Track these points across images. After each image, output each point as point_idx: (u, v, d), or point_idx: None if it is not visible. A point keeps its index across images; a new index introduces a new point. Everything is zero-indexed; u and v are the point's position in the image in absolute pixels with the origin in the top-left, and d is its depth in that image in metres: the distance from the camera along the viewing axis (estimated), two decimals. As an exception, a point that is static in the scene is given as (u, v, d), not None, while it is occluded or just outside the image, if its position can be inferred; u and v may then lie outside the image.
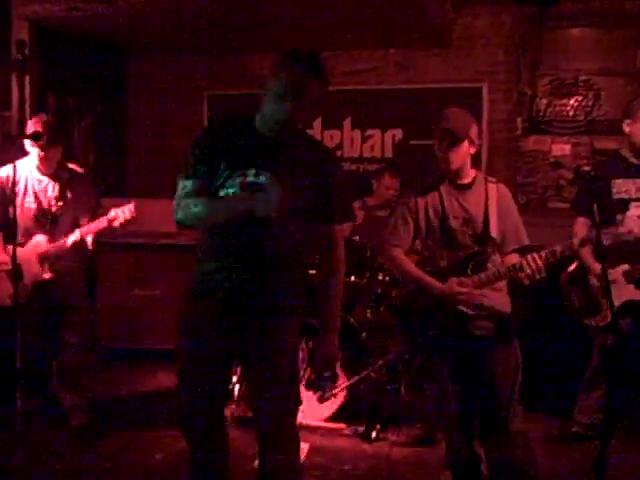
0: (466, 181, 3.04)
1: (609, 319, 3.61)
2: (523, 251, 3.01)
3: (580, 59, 5.23)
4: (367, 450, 3.82)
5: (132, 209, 3.69)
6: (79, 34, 5.38)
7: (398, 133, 5.64)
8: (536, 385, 4.30)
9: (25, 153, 3.79)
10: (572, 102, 5.20)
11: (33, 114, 4.89)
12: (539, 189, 5.16)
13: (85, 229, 3.74)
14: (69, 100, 5.31)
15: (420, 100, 5.50)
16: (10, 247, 3.35)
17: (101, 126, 5.96)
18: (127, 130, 6.30)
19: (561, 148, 5.19)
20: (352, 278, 4.35)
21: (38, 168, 3.81)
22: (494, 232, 2.98)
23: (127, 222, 3.69)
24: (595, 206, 2.63)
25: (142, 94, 6.26)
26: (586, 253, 3.64)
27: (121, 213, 3.68)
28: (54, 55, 5.24)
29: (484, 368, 2.97)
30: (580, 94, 5.20)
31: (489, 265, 2.97)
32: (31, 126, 3.70)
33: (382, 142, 5.68)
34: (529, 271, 2.81)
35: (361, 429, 3.96)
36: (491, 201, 3.00)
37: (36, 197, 3.81)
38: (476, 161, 3.11)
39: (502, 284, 3.02)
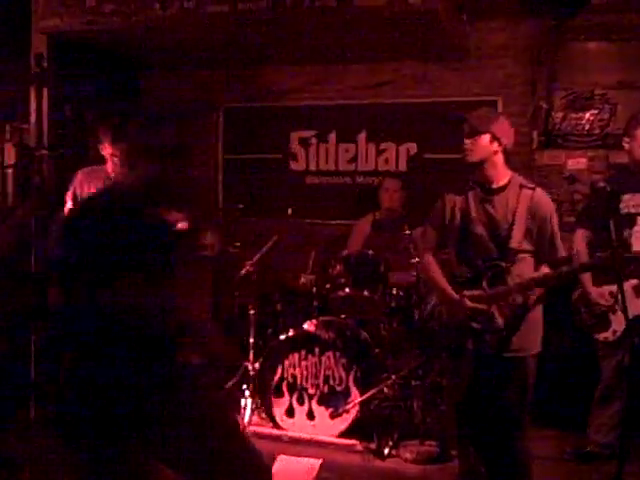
0: (496, 185, 2.97)
1: (619, 334, 3.60)
2: (556, 264, 2.93)
3: (596, 73, 5.19)
4: (379, 466, 3.81)
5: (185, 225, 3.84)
6: (96, 48, 5.43)
7: (413, 147, 5.62)
8: (548, 401, 4.28)
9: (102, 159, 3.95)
10: (588, 116, 5.17)
11: (50, 126, 4.99)
12: (554, 203, 5.10)
13: None
14: (86, 113, 5.36)
15: (435, 114, 5.49)
16: None
17: (117, 140, 6.00)
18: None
19: (577, 162, 5.15)
20: (365, 292, 4.34)
21: (113, 170, 3.90)
22: (515, 243, 2.87)
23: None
24: (611, 223, 2.61)
25: (157, 107, 6.30)
26: (586, 278, 3.65)
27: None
28: (71, 69, 5.28)
29: (494, 385, 2.94)
30: (596, 108, 5.16)
31: (508, 279, 2.89)
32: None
33: (397, 156, 5.67)
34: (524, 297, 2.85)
35: (373, 445, 3.95)
36: (520, 208, 2.89)
37: None
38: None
39: (535, 316, 2.95)
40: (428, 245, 3.11)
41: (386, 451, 3.88)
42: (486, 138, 2.94)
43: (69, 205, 4.20)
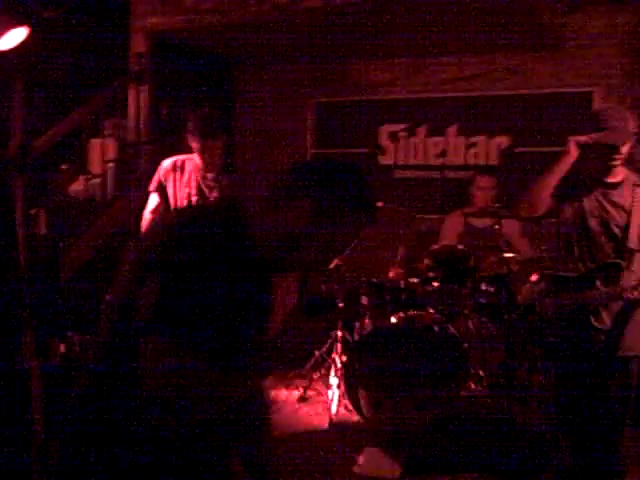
0: (614, 180, 2.88)
1: None
2: None
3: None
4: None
5: None
6: (192, 46, 5.60)
7: (504, 140, 5.52)
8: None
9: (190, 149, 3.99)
10: (692, 107, 4.93)
11: (148, 123, 5.18)
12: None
13: None
14: (181, 110, 5.53)
15: (528, 106, 5.37)
16: None
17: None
18: (235, 140, 6.46)
19: (680, 155, 4.92)
20: (454, 287, 4.31)
21: (201, 164, 3.96)
22: (633, 242, 2.81)
23: None
24: None
25: (249, 104, 6.43)
26: None
27: None
28: (169, 66, 5.47)
29: (599, 385, 2.87)
30: (700, 98, 4.92)
31: (622, 280, 2.80)
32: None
33: (487, 149, 5.58)
34: (629, 297, 2.75)
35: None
36: (637, 206, 2.81)
37: (199, 191, 3.97)
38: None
39: None
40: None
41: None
42: None
43: (153, 193, 4.12)
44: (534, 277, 3.04)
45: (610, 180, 2.88)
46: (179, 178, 4.01)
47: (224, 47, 5.76)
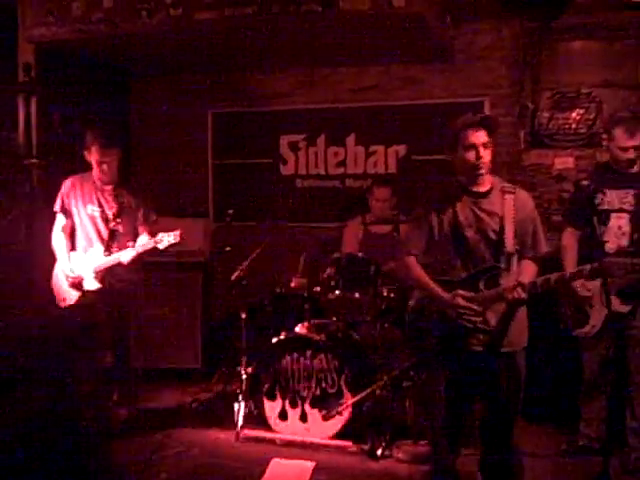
0: (482, 189, 3.02)
1: (597, 329, 3.68)
2: (540, 259, 3.04)
3: (581, 72, 5.23)
4: (373, 467, 3.82)
5: (178, 235, 4.01)
6: (84, 56, 5.44)
7: (401, 149, 5.66)
8: (542, 397, 4.32)
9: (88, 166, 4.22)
10: (574, 115, 5.20)
11: (38, 136, 5.00)
12: (543, 202, 5.14)
13: (135, 248, 4.06)
14: (75, 122, 5.37)
15: (423, 115, 5.52)
16: (74, 254, 4.18)
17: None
18: (133, 151, 6.32)
19: (564, 161, 5.18)
20: (356, 294, 4.36)
21: (99, 178, 4.19)
22: (510, 246, 2.95)
23: (172, 245, 4.04)
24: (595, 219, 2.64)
25: (146, 114, 6.32)
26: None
27: (167, 237, 4.00)
28: (59, 77, 5.30)
29: (487, 382, 2.97)
30: (582, 107, 5.20)
31: (502, 282, 2.95)
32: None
33: (385, 158, 5.70)
34: (510, 297, 2.86)
35: (367, 446, 3.96)
36: (508, 211, 2.96)
37: (100, 205, 4.21)
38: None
39: (522, 314, 3.00)
40: (414, 249, 3.09)
41: (379, 452, 3.89)
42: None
43: (59, 213, 4.25)
44: None
45: (478, 190, 3.02)
46: (80, 195, 4.23)
47: (118, 58, 5.64)
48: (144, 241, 4.13)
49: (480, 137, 2.96)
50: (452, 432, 3.09)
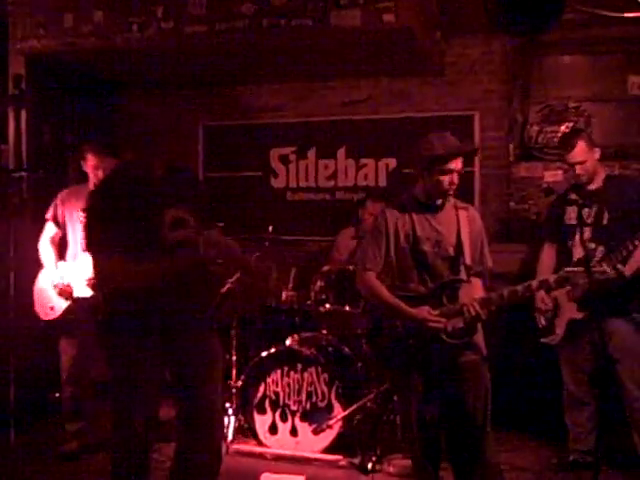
0: (437, 203, 3.07)
1: (558, 339, 3.80)
2: (486, 274, 3.13)
3: (570, 86, 5.29)
4: (363, 481, 3.81)
5: None
6: (74, 69, 5.44)
7: (392, 162, 5.68)
8: (534, 411, 4.33)
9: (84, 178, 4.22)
10: (563, 128, 5.24)
11: (29, 147, 5.00)
12: (532, 215, 5.18)
13: None
14: (66, 134, 5.37)
15: (413, 129, 5.55)
16: (62, 264, 4.12)
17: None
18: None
19: (553, 174, 5.21)
20: (347, 307, 4.37)
21: (95, 185, 4.07)
22: (469, 259, 3.01)
23: None
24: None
25: (136, 127, 6.30)
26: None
27: None
28: (50, 90, 5.29)
29: (456, 394, 2.98)
30: (571, 120, 5.24)
31: (461, 294, 2.99)
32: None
33: (376, 171, 5.72)
34: (467, 314, 2.91)
35: (357, 460, 3.95)
36: (463, 226, 3.04)
37: None
38: (468, 188, 3.15)
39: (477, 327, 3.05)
40: (372, 265, 3.06)
41: (370, 466, 3.88)
42: None
43: (49, 221, 4.22)
44: None
45: (433, 204, 3.07)
46: (75, 206, 4.16)
47: (108, 71, 5.64)
48: None
49: (459, 164, 3.01)
50: (430, 450, 3.09)
